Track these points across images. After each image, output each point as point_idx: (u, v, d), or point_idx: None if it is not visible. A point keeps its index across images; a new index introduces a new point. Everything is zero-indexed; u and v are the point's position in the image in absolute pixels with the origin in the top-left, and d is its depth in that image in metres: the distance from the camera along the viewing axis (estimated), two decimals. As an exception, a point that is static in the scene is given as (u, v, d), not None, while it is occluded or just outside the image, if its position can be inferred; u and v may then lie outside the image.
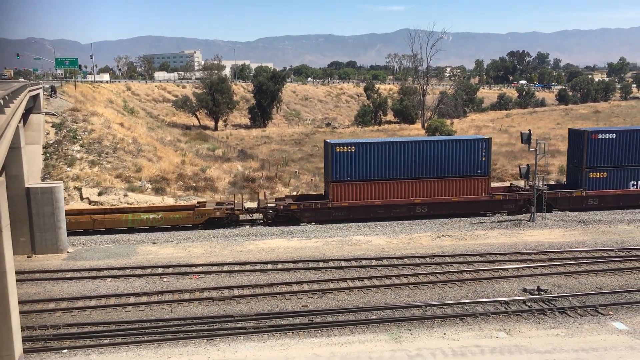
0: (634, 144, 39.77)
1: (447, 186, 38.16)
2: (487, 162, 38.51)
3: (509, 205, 39.34)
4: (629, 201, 40.20)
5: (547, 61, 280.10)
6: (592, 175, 39.65)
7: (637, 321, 21.80)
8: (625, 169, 39.85)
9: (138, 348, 20.03)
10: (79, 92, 76.20)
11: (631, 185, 40.06)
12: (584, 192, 39.75)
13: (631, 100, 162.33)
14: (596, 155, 39.57)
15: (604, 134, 39.70)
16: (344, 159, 37.08)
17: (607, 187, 39.98)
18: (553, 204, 39.72)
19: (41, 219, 31.24)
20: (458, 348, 19.83)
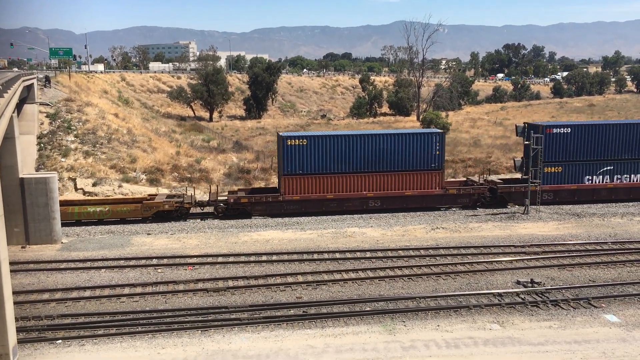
0: (589, 138, 39.44)
1: (400, 180, 37.77)
2: (441, 155, 38.05)
3: (463, 200, 38.92)
4: (584, 196, 39.84)
5: (543, 54, 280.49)
6: (547, 170, 39.08)
7: (629, 313, 21.96)
8: (580, 164, 39.50)
9: (132, 339, 20.05)
10: (73, 83, 75.82)
11: (586, 180, 39.69)
12: (538, 187, 38.97)
13: (626, 94, 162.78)
14: (551, 149, 39.03)
15: (559, 129, 39.32)
16: (295, 152, 36.56)
17: (562, 181, 39.55)
18: (507, 199, 39.39)
19: (35, 209, 31.15)
20: (451, 340, 19.94)
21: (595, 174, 39.76)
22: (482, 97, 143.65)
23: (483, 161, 55.78)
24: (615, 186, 39.92)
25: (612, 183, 39.97)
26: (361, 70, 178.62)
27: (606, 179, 39.90)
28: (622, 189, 40.15)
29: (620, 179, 39.92)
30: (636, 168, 39.95)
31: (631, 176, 40.03)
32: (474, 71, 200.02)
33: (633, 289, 24.33)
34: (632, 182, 40.18)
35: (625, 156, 39.79)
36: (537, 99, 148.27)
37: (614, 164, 39.78)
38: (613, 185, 39.94)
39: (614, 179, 39.94)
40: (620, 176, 39.92)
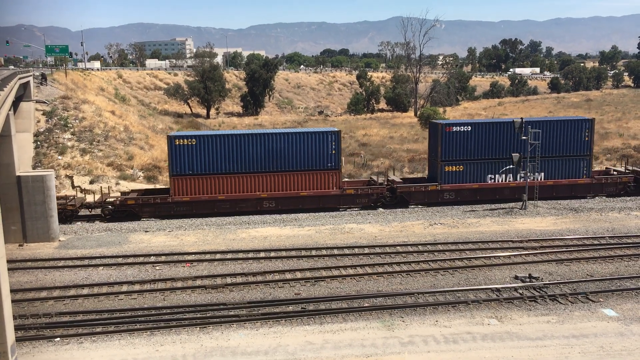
0: (490, 136, 38.64)
1: (295, 180, 36.97)
2: (337, 155, 37.20)
3: (362, 200, 38.19)
4: (486, 195, 39.07)
5: (540, 49, 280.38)
6: (448, 169, 38.38)
7: (627, 308, 22.01)
8: (482, 162, 38.70)
9: (131, 336, 20.04)
10: (69, 80, 75.62)
11: (488, 179, 38.94)
12: (438, 186, 38.54)
13: (623, 89, 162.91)
14: (451, 148, 38.31)
15: (459, 127, 38.46)
16: (184, 153, 35.61)
17: (463, 180, 38.74)
18: (408, 198, 38.68)
19: (32, 207, 31.09)
20: (450, 335, 19.97)
21: (497, 173, 38.93)
22: (480, 92, 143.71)
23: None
24: (517, 185, 38.88)
25: (515, 182, 39.04)
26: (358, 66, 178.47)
27: (509, 177, 39.08)
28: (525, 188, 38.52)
29: (523, 177, 38.68)
30: (539, 166, 38.78)
31: (534, 174, 38.90)
32: (471, 67, 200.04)
33: (631, 283, 24.38)
34: (535, 180, 38.92)
35: (528, 154, 38.23)
36: (534, 94, 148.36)
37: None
38: (515, 184, 38.97)
39: (517, 178, 39.02)
40: (522, 175, 38.82)
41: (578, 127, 39.42)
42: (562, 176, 39.69)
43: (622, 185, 40.77)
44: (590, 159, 39.94)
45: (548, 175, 39.54)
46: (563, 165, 39.57)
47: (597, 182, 40.37)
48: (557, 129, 39.27)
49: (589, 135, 39.46)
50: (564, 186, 39.83)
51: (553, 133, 39.18)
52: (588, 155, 39.78)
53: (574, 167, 39.69)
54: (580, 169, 39.74)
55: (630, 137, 65.36)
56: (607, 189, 40.56)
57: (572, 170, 39.75)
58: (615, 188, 40.55)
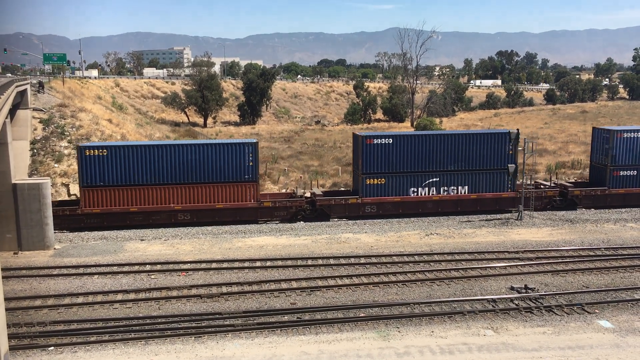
0: (412, 149, 37.96)
1: (211, 192, 36.16)
2: (254, 167, 36.48)
3: (281, 213, 37.48)
4: (409, 208, 38.38)
5: (536, 61, 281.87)
6: (369, 182, 37.65)
7: (623, 319, 22.01)
8: (404, 175, 38.00)
9: (125, 345, 19.94)
10: (67, 88, 75.65)
11: (411, 192, 38.19)
12: (359, 199, 37.80)
13: (618, 101, 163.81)
14: (372, 161, 37.59)
15: (380, 139, 37.69)
16: (95, 163, 34.79)
17: (385, 194, 37.99)
18: (328, 212, 37.91)
19: (28, 215, 30.99)
20: (446, 346, 19.92)
21: (420, 186, 38.27)
22: (476, 103, 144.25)
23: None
24: (441, 198, 38.48)
25: (438, 195, 38.49)
26: (355, 76, 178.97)
27: (432, 191, 38.44)
28: (449, 201, 38.70)
29: (447, 191, 38.47)
30: (463, 180, 38.50)
31: (458, 188, 38.56)
32: (467, 78, 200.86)
33: (626, 294, 24.39)
34: (459, 194, 38.69)
35: (451, 167, 38.39)
36: (530, 105, 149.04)
37: (439, 176, 38.34)
38: (439, 198, 38.48)
39: (440, 191, 38.50)
40: (447, 188, 38.47)
41: (501, 140, 38.65)
42: (486, 190, 38.92)
43: (548, 199, 40.17)
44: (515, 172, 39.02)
45: (472, 189, 38.81)
46: (487, 178, 38.81)
47: (522, 196, 38.88)
48: (481, 142, 38.53)
49: (513, 149, 38.67)
50: (489, 199, 39.07)
51: (476, 146, 38.48)
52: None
53: (498, 180, 38.93)
54: (504, 182, 39.01)
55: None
56: (532, 203, 39.21)
57: (497, 183, 38.97)
58: (540, 202, 39.68)
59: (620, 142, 40.33)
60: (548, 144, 68.95)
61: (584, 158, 59.12)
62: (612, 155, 40.34)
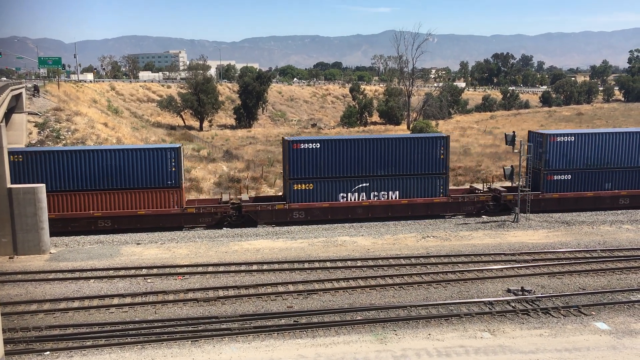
0: (341, 154, 37.22)
1: (132, 198, 35.33)
2: (177, 172, 35.68)
3: (205, 219, 36.73)
4: (338, 214, 37.73)
5: (531, 63, 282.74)
6: (297, 187, 36.98)
7: (619, 321, 22.04)
8: (333, 180, 37.31)
9: (121, 350, 19.87)
10: (62, 92, 75.53)
11: (341, 198, 37.56)
12: (286, 205, 37.17)
13: (613, 103, 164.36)
14: (300, 165, 36.84)
15: (308, 144, 36.95)
16: (13, 169, 33.39)
17: (313, 199, 37.27)
18: (255, 218, 37.22)
19: (23, 219, 30.90)
20: (443, 348, 19.91)
21: (350, 192, 37.59)
22: (472, 106, 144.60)
23: (473, 169, 56.05)
24: (371, 204, 37.86)
25: (368, 201, 37.83)
26: (351, 79, 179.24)
27: (362, 196, 37.75)
28: (379, 207, 38.10)
29: (378, 196, 37.87)
30: (394, 185, 37.99)
31: (389, 193, 38.01)
32: (463, 80, 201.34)
33: (622, 296, 24.43)
34: (389, 199, 38.13)
35: (382, 172, 37.76)
36: (526, 107, 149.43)
37: (369, 181, 37.70)
38: (369, 203, 37.83)
39: (371, 197, 37.86)
40: (377, 193, 37.85)
41: (433, 145, 38.09)
42: (418, 195, 38.40)
43: (481, 204, 39.62)
44: (446, 177, 38.72)
45: (403, 194, 38.27)
46: (419, 183, 38.31)
47: (454, 201, 39.04)
48: (412, 147, 37.93)
49: (445, 153, 38.17)
50: (420, 205, 38.54)
51: (407, 151, 37.89)
52: (444, 173, 38.50)
53: (429, 185, 38.43)
54: (436, 187, 38.48)
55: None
56: (465, 208, 39.33)
57: (428, 189, 38.46)
58: (473, 207, 39.36)
59: (554, 146, 39.54)
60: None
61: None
62: (545, 159, 39.55)
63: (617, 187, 40.67)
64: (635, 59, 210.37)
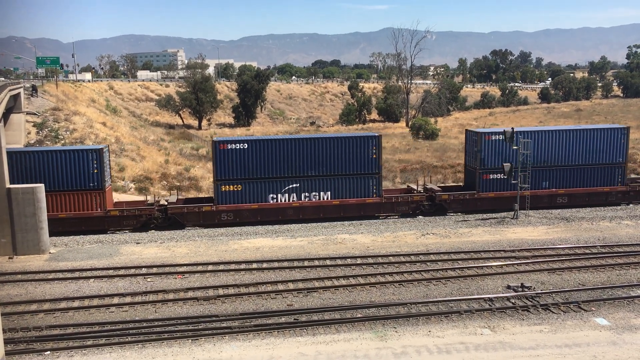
0: (270, 154, 36.79)
1: (52, 201, 34.47)
2: (100, 174, 35.06)
3: (130, 222, 36.06)
4: (268, 215, 37.31)
5: (530, 60, 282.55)
6: (225, 189, 36.53)
7: (619, 317, 22.06)
8: (262, 181, 36.92)
9: (122, 349, 19.87)
10: (60, 92, 75.46)
11: (271, 199, 37.15)
12: (214, 207, 36.70)
13: (612, 99, 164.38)
14: (227, 166, 36.41)
15: (235, 144, 36.56)
16: None
17: (242, 200, 36.80)
18: (181, 220, 36.82)
19: (23, 219, 30.87)
20: (443, 345, 19.93)
21: (280, 192, 37.19)
22: (471, 102, 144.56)
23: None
24: (301, 205, 37.41)
25: (298, 201, 37.40)
26: (350, 77, 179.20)
27: (292, 197, 37.33)
28: (310, 208, 37.63)
29: (309, 197, 37.43)
30: (325, 185, 37.51)
31: (320, 194, 37.53)
32: (462, 77, 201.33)
33: (622, 292, 24.44)
34: (320, 200, 37.62)
35: (313, 173, 37.25)
36: (524, 104, 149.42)
37: (300, 182, 37.26)
38: (299, 204, 37.39)
39: (302, 197, 37.43)
40: (308, 194, 37.39)
41: (365, 145, 37.60)
42: (350, 195, 37.91)
43: (416, 204, 39.13)
44: (379, 178, 38.26)
45: (335, 195, 37.78)
46: (351, 184, 37.80)
47: (388, 201, 38.53)
48: (343, 147, 37.41)
49: (377, 153, 37.70)
50: (352, 205, 38.07)
51: (339, 151, 37.36)
52: (377, 173, 38.06)
53: (362, 186, 37.93)
54: (369, 187, 37.98)
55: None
56: (399, 208, 38.88)
57: (361, 189, 37.95)
58: (407, 207, 38.88)
59: (489, 144, 39.09)
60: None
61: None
62: (480, 158, 39.12)
63: (554, 186, 40.14)
64: (634, 55, 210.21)
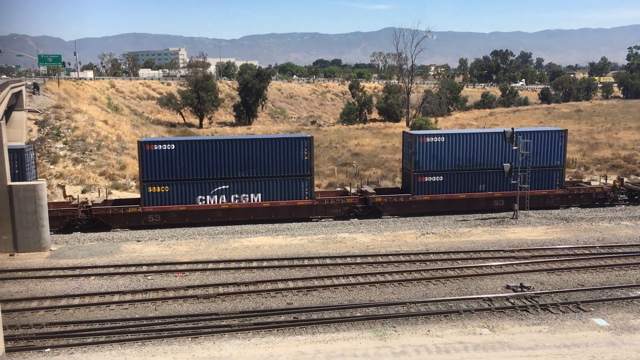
0: (199, 155, 36.20)
1: None
2: (21, 175, 34.20)
3: (53, 222, 34.33)
4: (197, 217, 36.76)
5: (530, 60, 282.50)
6: (152, 190, 35.93)
7: (618, 317, 22.12)
8: (190, 183, 36.30)
9: (122, 347, 19.94)
10: (62, 89, 75.53)
11: (199, 201, 36.55)
12: (140, 208, 36.01)
13: (612, 99, 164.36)
14: (154, 167, 35.88)
15: (162, 145, 35.96)
16: None
17: (170, 202, 36.30)
18: (106, 222, 36.07)
19: (24, 217, 30.96)
20: (442, 345, 19.99)
21: (209, 194, 36.59)
22: (471, 103, 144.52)
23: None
24: (231, 207, 36.89)
25: (227, 203, 36.85)
26: (351, 76, 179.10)
27: (222, 199, 36.77)
28: (240, 210, 37.12)
29: (239, 199, 36.91)
30: (256, 187, 37.03)
31: (250, 196, 37.01)
32: (462, 77, 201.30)
33: (621, 292, 24.51)
34: (251, 202, 37.09)
35: (243, 174, 36.81)
36: (525, 104, 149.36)
37: (230, 183, 36.78)
38: (229, 206, 36.85)
39: (231, 199, 36.89)
40: (238, 196, 36.89)
41: (296, 146, 37.06)
42: (281, 197, 37.41)
43: (349, 206, 38.54)
44: (311, 179, 37.70)
45: (266, 197, 37.29)
46: (282, 185, 37.38)
47: (320, 204, 38.03)
48: (274, 148, 36.96)
49: (309, 155, 37.16)
50: (283, 208, 37.55)
51: (269, 152, 36.93)
52: (309, 175, 37.50)
53: (294, 187, 37.44)
54: (301, 189, 37.47)
55: (620, 147, 65.88)
56: (332, 210, 38.32)
57: (292, 191, 37.47)
58: (340, 210, 38.32)
59: (424, 147, 38.54)
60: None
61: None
62: (415, 160, 38.60)
63: (491, 189, 39.61)
64: (634, 56, 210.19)
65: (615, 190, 41.63)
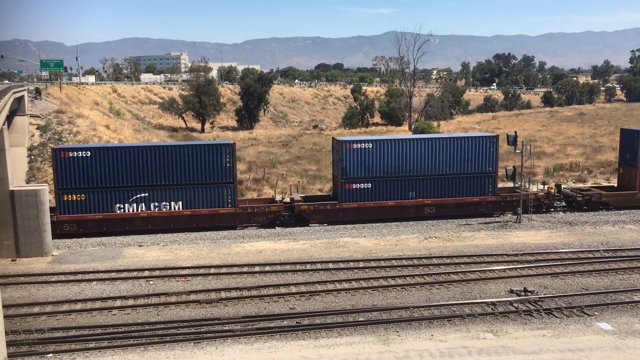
0: (116, 162, 35.28)
1: None
2: None
3: None
4: (115, 226, 35.70)
5: (533, 63, 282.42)
6: (67, 198, 34.94)
7: (622, 321, 21.99)
8: (107, 191, 35.36)
9: (124, 352, 19.87)
10: (64, 94, 75.65)
11: (118, 209, 35.57)
12: (55, 217, 34.65)
13: (615, 103, 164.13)
14: (69, 175, 34.88)
15: (76, 152, 34.99)
16: None
17: (86, 210, 35.31)
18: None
19: (26, 222, 30.93)
20: (445, 349, 19.88)
21: (127, 202, 35.64)
22: (474, 106, 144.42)
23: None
24: (150, 215, 35.88)
25: (147, 212, 35.89)
26: (353, 80, 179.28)
27: (141, 207, 35.81)
28: (160, 218, 36.11)
29: (159, 206, 35.96)
30: (177, 195, 36.12)
31: (171, 204, 36.10)
32: (465, 81, 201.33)
33: (625, 296, 24.38)
34: (171, 210, 36.17)
35: (163, 182, 35.83)
36: (527, 108, 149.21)
37: (149, 191, 35.80)
38: (148, 214, 35.88)
39: (151, 207, 35.93)
40: (158, 204, 35.93)
41: (217, 153, 36.21)
42: (203, 205, 36.50)
43: (274, 214, 37.60)
44: (234, 187, 36.83)
45: (187, 205, 36.31)
46: (204, 193, 36.41)
47: (243, 212, 37.19)
48: (194, 155, 36.07)
49: (231, 162, 36.42)
50: (205, 216, 36.59)
51: (190, 159, 36.10)
52: (232, 182, 36.62)
53: (216, 195, 36.52)
54: (223, 197, 36.59)
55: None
56: (256, 218, 37.53)
57: (214, 199, 36.54)
58: (265, 218, 37.48)
59: (351, 153, 37.59)
60: (546, 147, 69.04)
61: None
62: (342, 167, 37.67)
63: (421, 196, 38.64)
64: (637, 59, 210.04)
65: (549, 196, 40.99)
